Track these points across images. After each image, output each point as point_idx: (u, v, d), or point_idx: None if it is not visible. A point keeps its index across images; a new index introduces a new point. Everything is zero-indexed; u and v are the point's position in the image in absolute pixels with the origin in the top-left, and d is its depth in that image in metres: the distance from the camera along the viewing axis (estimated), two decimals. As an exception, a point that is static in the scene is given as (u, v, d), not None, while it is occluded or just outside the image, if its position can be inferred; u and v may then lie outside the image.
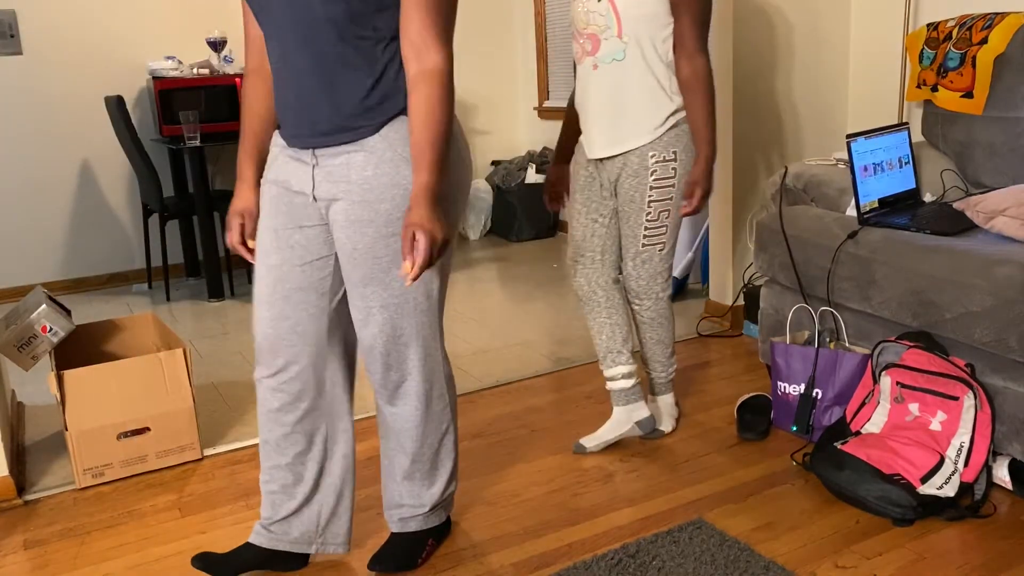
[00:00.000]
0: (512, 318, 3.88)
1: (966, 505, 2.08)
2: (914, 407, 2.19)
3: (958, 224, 2.37)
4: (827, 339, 2.58)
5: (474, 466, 2.47)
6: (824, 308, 2.58)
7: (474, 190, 5.68)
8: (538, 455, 2.52)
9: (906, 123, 2.72)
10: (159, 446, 2.54)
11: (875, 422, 2.26)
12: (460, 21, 5.62)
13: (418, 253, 1.58)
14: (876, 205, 2.55)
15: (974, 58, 2.70)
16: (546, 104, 5.67)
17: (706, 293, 3.83)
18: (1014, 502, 2.11)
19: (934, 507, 2.04)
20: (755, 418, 2.59)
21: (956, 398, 2.11)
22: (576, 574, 1.91)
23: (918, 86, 2.94)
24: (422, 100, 1.62)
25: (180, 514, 2.30)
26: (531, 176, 5.45)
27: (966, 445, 2.09)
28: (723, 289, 3.57)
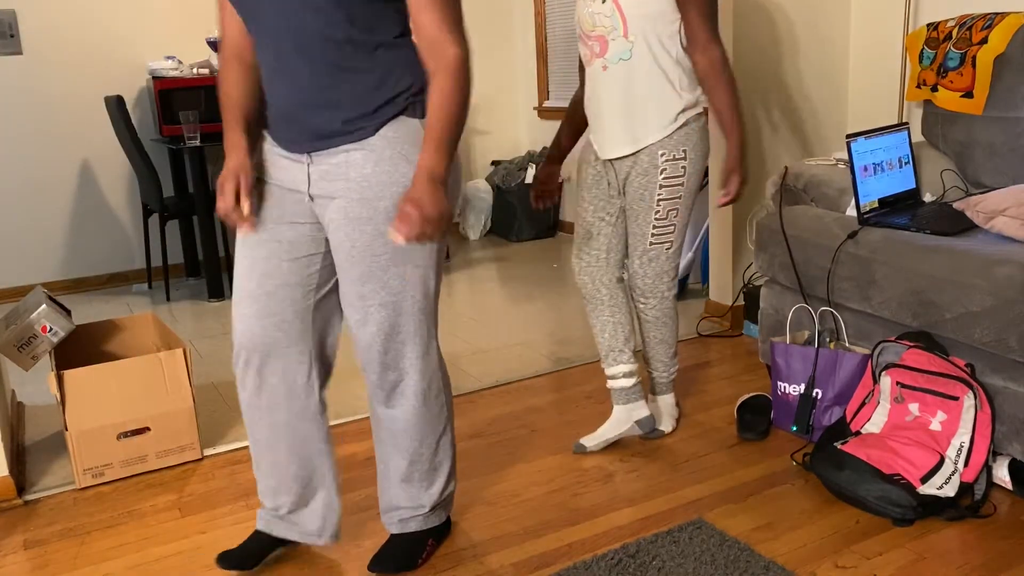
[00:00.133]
0: (512, 318, 3.88)
1: (966, 505, 2.08)
2: (914, 407, 2.19)
3: (958, 224, 2.37)
4: (827, 339, 2.58)
5: (474, 466, 2.47)
6: (824, 308, 2.58)
7: (474, 190, 5.68)
8: (538, 455, 2.52)
9: (906, 123, 2.72)
10: (159, 446, 2.54)
11: (875, 422, 2.26)
12: (460, 21, 5.62)
13: (410, 223, 1.57)
14: (876, 205, 2.55)
15: (974, 58, 2.70)
16: (546, 104, 5.67)
17: (706, 293, 3.83)
18: (1014, 502, 2.11)
19: (934, 507, 2.04)
20: (755, 418, 2.59)
21: (956, 398, 2.11)
22: (576, 574, 1.91)
23: (918, 86, 2.94)
24: (436, 90, 1.63)
25: (180, 514, 2.30)
26: (531, 176, 5.45)
27: (966, 445, 2.09)
28: (723, 289, 3.57)
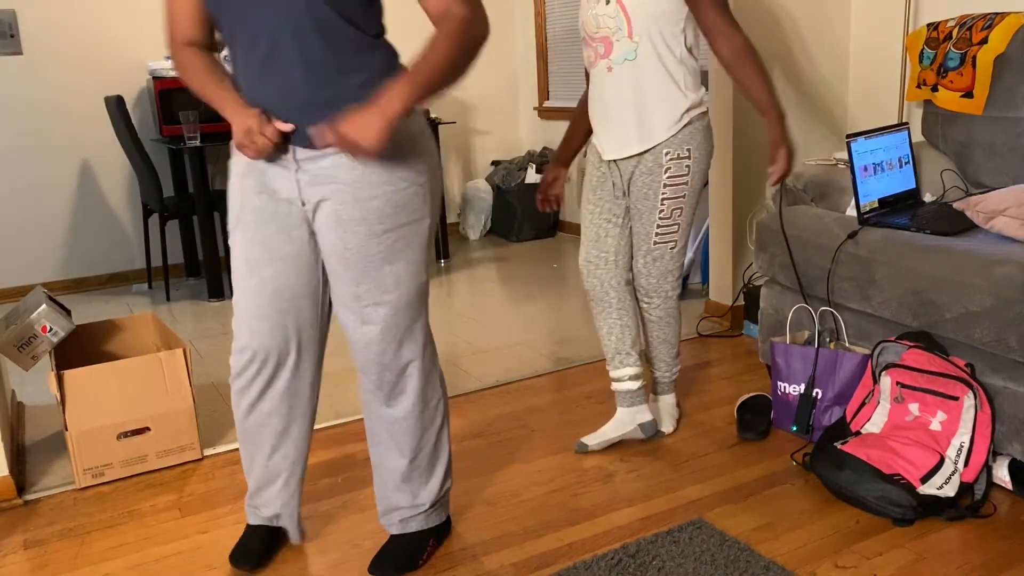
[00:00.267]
0: (512, 318, 3.88)
1: (966, 505, 2.08)
2: (914, 407, 2.19)
3: (958, 224, 2.37)
4: (827, 339, 2.58)
5: (474, 466, 2.47)
6: (824, 308, 2.58)
7: (474, 190, 5.68)
8: (538, 455, 2.52)
9: (906, 123, 2.72)
10: (159, 446, 2.54)
11: (875, 422, 2.26)
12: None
13: (337, 137, 1.53)
14: (876, 205, 2.55)
15: (974, 58, 2.70)
16: (546, 104, 5.67)
17: (706, 293, 3.83)
18: (1014, 502, 2.11)
19: (934, 507, 2.04)
20: (755, 418, 2.59)
21: (956, 398, 2.11)
22: (576, 574, 1.91)
23: (918, 86, 2.94)
24: (431, 40, 1.60)
25: (180, 514, 2.30)
26: (531, 176, 5.44)
27: (966, 445, 2.09)
28: (723, 289, 3.57)
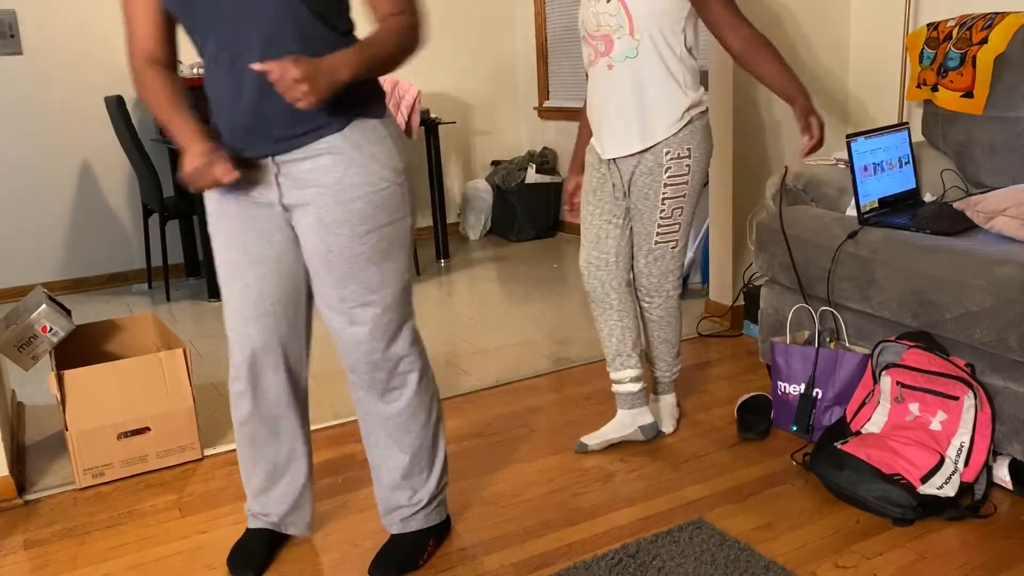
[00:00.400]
0: (512, 318, 3.88)
1: (966, 505, 2.08)
2: (914, 407, 2.19)
3: (958, 224, 2.37)
4: (827, 339, 2.58)
5: (474, 466, 2.47)
6: (824, 308, 2.58)
7: (474, 190, 5.68)
8: (538, 455, 2.52)
9: (906, 123, 2.72)
10: (159, 446, 2.54)
11: (875, 422, 2.26)
12: (460, 21, 5.62)
13: (284, 78, 1.48)
14: (876, 205, 2.55)
15: (974, 58, 2.70)
16: (546, 104, 5.67)
17: (706, 293, 3.83)
18: (1014, 502, 2.11)
19: (934, 507, 2.04)
20: (755, 418, 2.59)
21: (956, 398, 2.11)
22: (576, 574, 1.91)
23: (918, 86, 2.94)
24: (383, 26, 1.63)
25: (180, 514, 2.30)
26: (531, 176, 5.44)
27: (966, 445, 2.09)
28: (723, 289, 3.57)
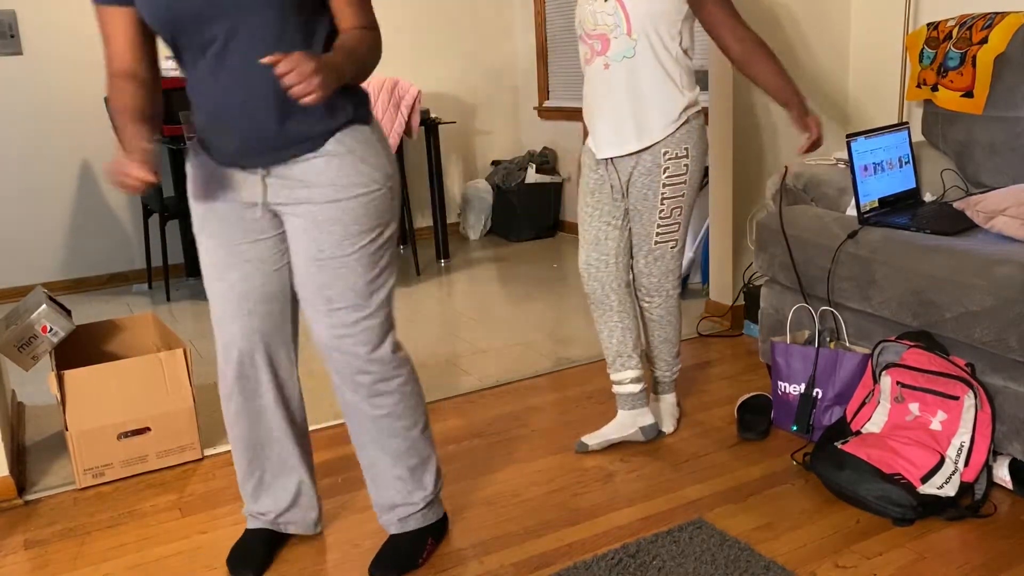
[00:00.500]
0: (512, 318, 3.88)
1: (966, 505, 2.08)
2: (914, 407, 2.19)
3: (958, 224, 2.37)
4: (827, 339, 2.58)
5: (474, 466, 2.47)
6: (824, 308, 2.58)
7: (474, 190, 5.68)
8: (538, 455, 2.52)
9: (906, 123, 2.72)
10: (159, 446, 2.53)
11: (875, 422, 2.26)
12: (460, 21, 5.62)
13: (292, 69, 1.47)
14: (876, 205, 2.55)
15: (974, 58, 2.70)
16: (546, 104, 5.67)
17: (706, 293, 3.83)
18: (1014, 502, 2.11)
19: (934, 507, 2.04)
20: (755, 418, 2.59)
21: (956, 398, 2.11)
22: (576, 574, 1.91)
23: (918, 86, 2.94)
24: (355, 33, 1.67)
25: (180, 514, 2.30)
26: (531, 176, 5.44)
27: (966, 445, 2.09)
28: (723, 289, 3.57)
